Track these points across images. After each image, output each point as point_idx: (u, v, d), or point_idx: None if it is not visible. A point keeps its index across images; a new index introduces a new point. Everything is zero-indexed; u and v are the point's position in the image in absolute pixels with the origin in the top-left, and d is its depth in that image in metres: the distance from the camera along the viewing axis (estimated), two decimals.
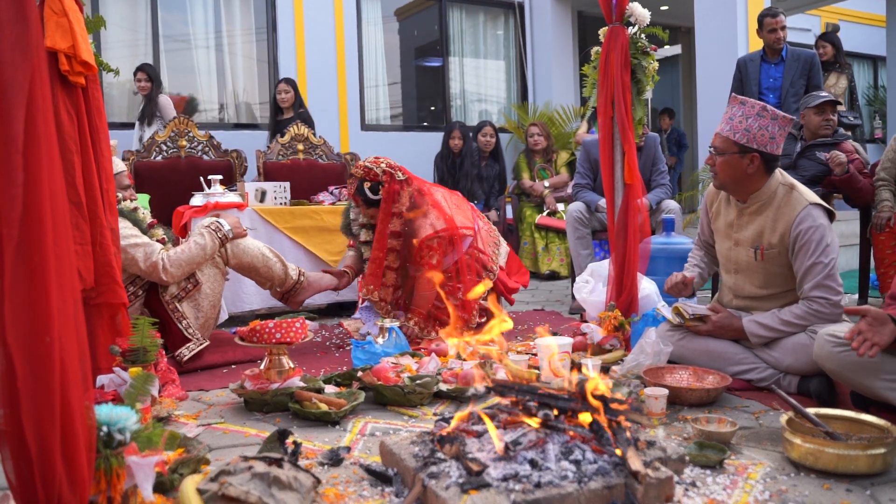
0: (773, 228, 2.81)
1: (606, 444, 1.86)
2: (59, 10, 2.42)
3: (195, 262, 3.41)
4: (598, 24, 3.65)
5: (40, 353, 1.29)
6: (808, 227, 2.71)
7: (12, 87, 1.27)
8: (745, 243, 2.90)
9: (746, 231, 2.90)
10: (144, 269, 3.27)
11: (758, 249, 2.85)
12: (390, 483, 1.95)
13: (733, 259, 2.98)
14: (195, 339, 3.38)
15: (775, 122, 2.76)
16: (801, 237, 2.72)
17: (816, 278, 2.70)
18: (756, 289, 2.92)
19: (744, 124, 2.77)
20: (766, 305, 2.89)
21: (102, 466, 1.50)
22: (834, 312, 2.71)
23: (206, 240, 3.44)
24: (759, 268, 2.88)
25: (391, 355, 3.18)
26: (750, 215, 2.89)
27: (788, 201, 2.80)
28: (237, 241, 3.61)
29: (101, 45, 6.65)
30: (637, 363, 2.92)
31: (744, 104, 2.80)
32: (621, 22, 3.45)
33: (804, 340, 2.70)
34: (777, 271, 2.85)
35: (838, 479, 1.97)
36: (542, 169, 6.94)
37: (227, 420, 2.62)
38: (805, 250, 2.72)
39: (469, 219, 3.97)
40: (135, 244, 3.24)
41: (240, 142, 6.28)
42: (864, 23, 11.65)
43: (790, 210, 2.77)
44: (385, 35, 8.45)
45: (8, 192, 1.29)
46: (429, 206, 3.81)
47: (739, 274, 2.97)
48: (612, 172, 3.54)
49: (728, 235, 2.99)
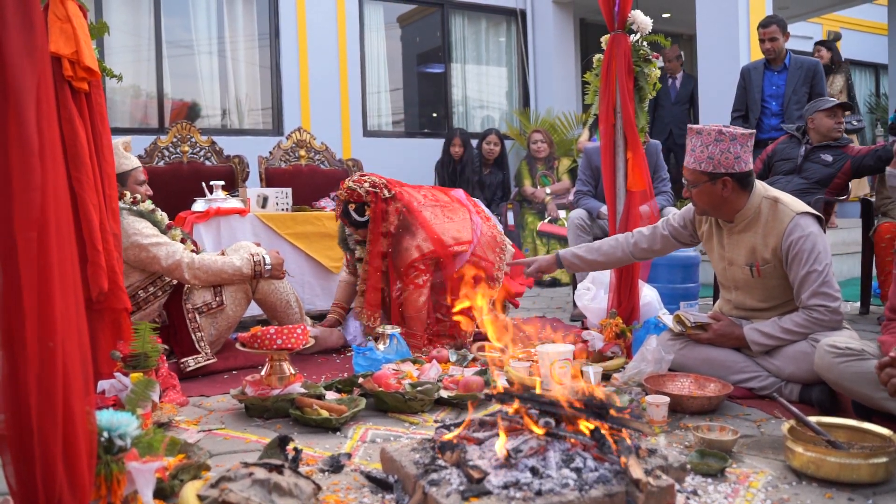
0: (764, 244, 2.81)
1: (608, 452, 1.86)
2: (62, 16, 2.43)
3: (221, 278, 3.43)
4: (601, 32, 3.66)
5: (44, 358, 1.30)
6: (798, 237, 2.71)
7: (24, 92, 1.28)
8: (739, 262, 2.90)
9: (738, 250, 2.90)
10: (166, 266, 3.28)
11: (753, 267, 2.84)
12: (391, 490, 1.94)
13: (730, 278, 2.97)
14: (203, 353, 3.38)
15: (735, 142, 2.76)
16: (792, 247, 2.72)
17: (813, 286, 2.70)
18: (757, 302, 2.92)
19: (706, 153, 2.78)
20: (768, 316, 2.88)
21: (103, 472, 1.50)
22: (833, 319, 2.71)
23: (242, 265, 3.47)
24: (757, 283, 2.88)
25: (392, 362, 3.18)
26: (739, 234, 2.89)
27: (775, 215, 2.80)
28: (273, 281, 3.63)
29: (105, 51, 6.65)
30: (638, 371, 2.92)
31: (700, 133, 2.80)
32: (623, 29, 3.46)
33: (806, 349, 2.69)
34: (775, 283, 2.85)
35: (840, 488, 1.96)
36: (544, 176, 6.95)
37: (228, 426, 2.61)
38: (798, 260, 2.72)
39: (465, 228, 3.88)
40: (156, 243, 3.27)
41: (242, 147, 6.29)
42: (865, 31, 11.67)
43: (778, 223, 2.78)
44: (387, 41, 8.46)
45: (26, 195, 1.30)
46: (417, 227, 3.73)
47: (739, 290, 2.97)
48: (614, 180, 3.54)
49: (721, 257, 2.99)
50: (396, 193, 3.77)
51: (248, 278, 3.52)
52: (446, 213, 3.90)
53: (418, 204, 3.82)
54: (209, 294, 3.47)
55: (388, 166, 7.59)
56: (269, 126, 7.69)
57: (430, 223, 3.76)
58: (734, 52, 6.93)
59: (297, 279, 4.41)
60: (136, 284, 3.30)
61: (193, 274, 3.32)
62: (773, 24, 5.36)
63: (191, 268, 3.31)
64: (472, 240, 3.87)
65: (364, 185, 3.72)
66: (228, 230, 4.30)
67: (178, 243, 3.37)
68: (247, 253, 3.52)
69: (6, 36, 1.26)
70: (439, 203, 3.95)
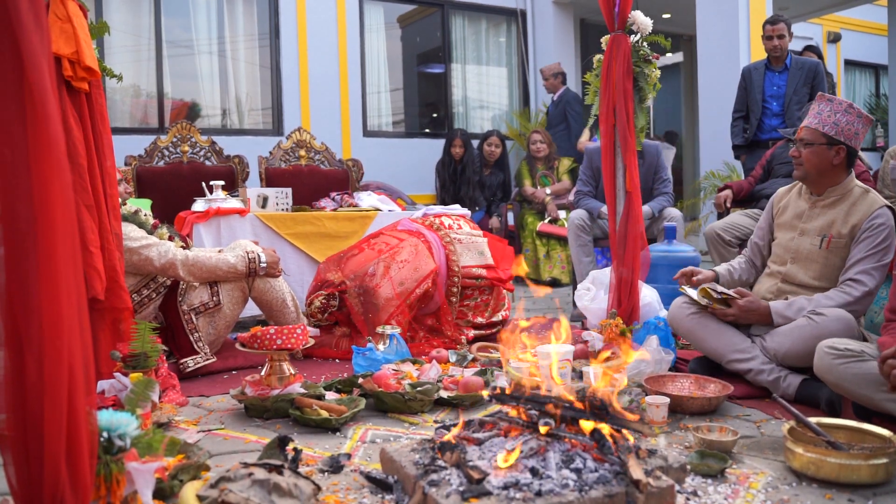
0: (845, 220, 2.90)
1: (608, 453, 1.86)
2: (63, 16, 2.44)
3: (216, 274, 3.42)
4: (601, 32, 3.66)
5: (50, 357, 1.30)
6: (880, 224, 2.83)
7: (45, 92, 1.28)
8: (811, 233, 2.97)
9: (816, 221, 2.97)
10: (160, 266, 3.27)
11: (825, 238, 2.92)
12: (391, 490, 1.94)
13: (793, 248, 3.02)
14: (203, 354, 3.38)
15: (860, 120, 2.88)
16: (871, 230, 2.83)
17: (867, 266, 2.80)
18: (810, 279, 2.95)
19: (832, 118, 2.88)
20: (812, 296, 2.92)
21: (103, 472, 1.50)
22: (864, 301, 2.79)
23: (237, 262, 3.46)
24: (819, 257, 2.93)
25: (392, 362, 3.18)
26: (823, 207, 2.97)
27: (865, 199, 2.91)
28: (269, 280, 3.62)
29: (105, 51, 6.66)
30: (638, 371, 2.92)
31: (831, 101, 2.91)
32: (623, 30, 3.46)
33: (801, 322, 2.74)
34: (837, 263, 2.91)
35: (840, 488, 1.97)
36: (544, 176, 6.95)
37: (228, 426, 2.61)
38: (869, 241, 2.82)
39: (422, 260, 3.86)
40: (146, 244, 3.26)
41: (242, 147, 6.29)
42: (865, 31, 11.67)
43: (867, 205, 2.88)
44: (387, 41, 8.46)
45: (63, 195, 1.31)
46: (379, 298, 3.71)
47: (797, 263, 3.00)
48: (614, 180, 3.54)
49: (794, 226, 3.05)
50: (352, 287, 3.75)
51: (244, 276, 3.51)
52: (397, 259, 3.85)
53: (375, 277, 3.78)
54: (206, 294, 3.46)
55: (387, 167, 7.62)
56: (269, 126, 7.69)
57: (392, 296, 3.74)
58: (734, 53, 6.94)
59: (297, 279, 4.41)
60: (130, 289, 3.28)
61: (188, 270, 3.32)
62: (782, 21, 5.36)
63: (185, 264, 3.30)
64: (436, 264, 3.90)
65: (322, 316, 3.76)
66: (228, 230, 4.30)
67: (168, 242, 3.36)
68: (242, 251, 3.52)
69: (24, 37, 1.26)
70: (390, 250, 3.90)
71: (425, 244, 3.98)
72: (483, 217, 7.05)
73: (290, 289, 3.76)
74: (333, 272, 3.81)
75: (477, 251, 4.12)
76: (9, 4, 1.26)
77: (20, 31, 1.26)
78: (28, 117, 1.28)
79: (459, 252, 4.03)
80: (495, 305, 4.13)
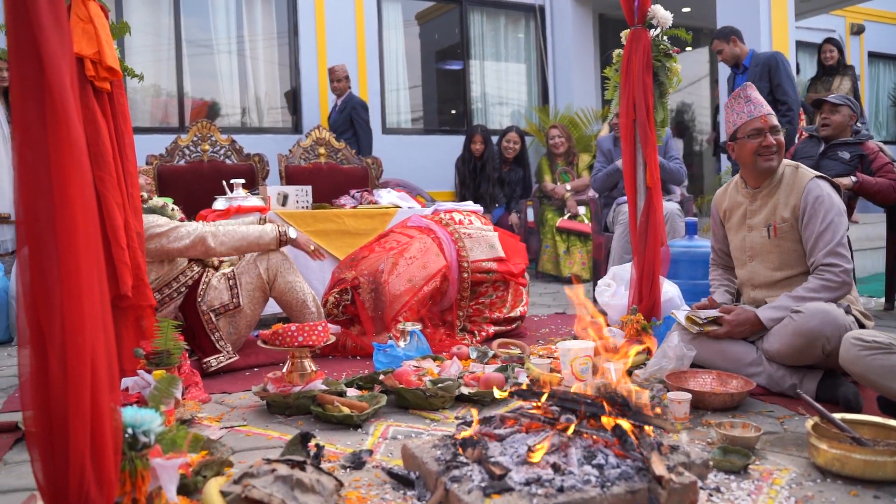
0: (785, 203, 2.91)
1: (630, 449, 1.85)
2: (84, 17, 2.46)
3: (246, 241, 3.44)
4: (620, 27, 3.64)
5: (73, 355, 1.31)
6: (816, 196, 2.82)
7: (65, 92, 1.29)
8: (758, 226, 2.99)
9: (760, 215, 3.00)
10: (191, 242, 3.32)
11: (770, 227, 2.93)
12: (412, 486, 1.94)
13: (747, 246, 3.04)
14: (225, 352, 3.40)
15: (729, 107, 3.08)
16: (810, 206, 2.82)
17: (828, 246, 2.76)
18: (771, 272, 2.95)
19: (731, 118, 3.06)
20: (780, 292, 2.89)
21: (127, 468, 1.51)
22: (845, 282, 2.74)
23: (266, 228, 3.49)
24: (772, 247, 2.94)
25: (413, 359, 3.19)
26: (763, 198, 3.00)
27: (796, 177, 2.94)
28: (290, 280, 3.60)
29: (125, 51, 6.72)
30: (660, 367, 2.90)
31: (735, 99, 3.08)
32: (643, 24, 3.44)
33: (785, 321, 2.72)
34: (790, 247, 2.90)
35: (865, 485, 1.94)
36: (564, 172, 6.92)
37: (250, 423, 2.63)
38: (815, 218, 2.80)
39: (431, 257, 3.88)
40: (174, 227, 3.32)
41: (262, 146, 6.32)
42: (890, 23, 11.51)
43: (799, 183, 2.90)
44: (406, 39, 8.47)
45: (83, 194, 1.32)
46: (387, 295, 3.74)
47: (754, 260, 3.02)
48: (635, 175, 3.52)
49: (742, 225, 3.07)
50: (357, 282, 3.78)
51: (274, 243, 3.51)
52: (406, 256, 3.87)
53: (383, 273, 3.79)
54: (226, 295, 3.47)
55: (407, 164, 7.63)
56: (289, 124, 7.73)
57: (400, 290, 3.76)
58: (755, 46, 6.87)
59: (318, 276, 4.43)
60: (152, 287, 3.32)
61: (219, 241, 3.35)
62: (714, 39, 5.97)
63: (215, 236, 3.35)
64: (447, 261, 3.91)
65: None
66: None
67: (194, 222, 3.43)
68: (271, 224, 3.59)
69: (43, 38, 1.27)
70: (399, 247, 3.92)
71: (435, 241, 3.99)
72: (503, 213, 7.04)
73: (312, 290, 3.78)
74: (347, 272, 3.84)
75: (487, 244, 4.11)
76: (28, 6, 1.27)
77: (39, 33, 1.27)
78: (48, 118, 1.29)
79: (469, 247, 4.04)
80: (514, 301, 4.12)
